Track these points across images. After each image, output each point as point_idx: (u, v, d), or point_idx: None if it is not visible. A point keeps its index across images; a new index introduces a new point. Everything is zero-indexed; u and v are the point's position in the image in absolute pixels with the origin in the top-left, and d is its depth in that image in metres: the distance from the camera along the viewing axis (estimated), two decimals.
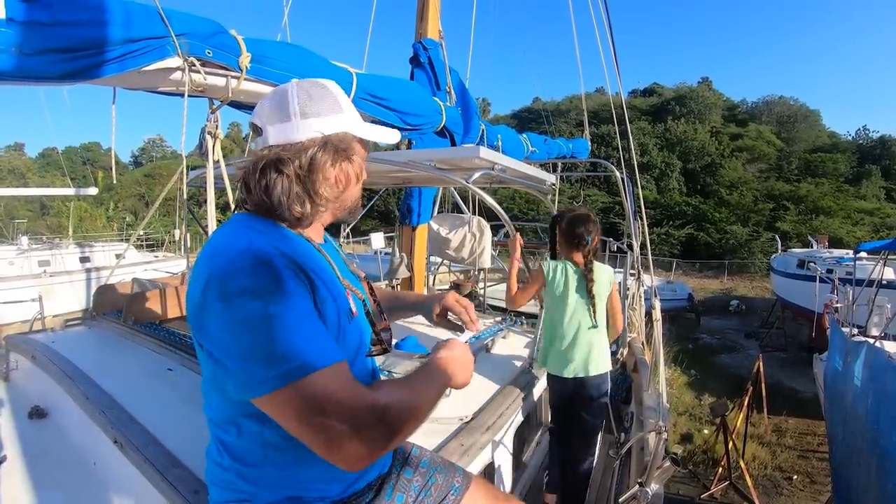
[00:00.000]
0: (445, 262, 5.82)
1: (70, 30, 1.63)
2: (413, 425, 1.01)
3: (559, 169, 7.56)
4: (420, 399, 1.03)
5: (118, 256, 15.07)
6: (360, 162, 1.20)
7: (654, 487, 1.81)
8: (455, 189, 6.37)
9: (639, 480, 1.83)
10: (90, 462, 2.06)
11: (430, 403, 1.07)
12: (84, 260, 14.19)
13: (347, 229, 6.90)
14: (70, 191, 17.23)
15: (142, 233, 24.99)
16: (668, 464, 1.86)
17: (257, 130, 1.12)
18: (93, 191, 16.91)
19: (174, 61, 1.87)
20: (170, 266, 14.63)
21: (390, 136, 1.30)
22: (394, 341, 1.58)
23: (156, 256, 16.75)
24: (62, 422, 2.38)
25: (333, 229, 1.46)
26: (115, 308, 3.48)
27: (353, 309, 1.15)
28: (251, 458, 1.07)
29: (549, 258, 3.01)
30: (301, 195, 1.08)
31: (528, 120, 54.17)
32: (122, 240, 21.08)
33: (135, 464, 1.75)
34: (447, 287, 6.27)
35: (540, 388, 3.06)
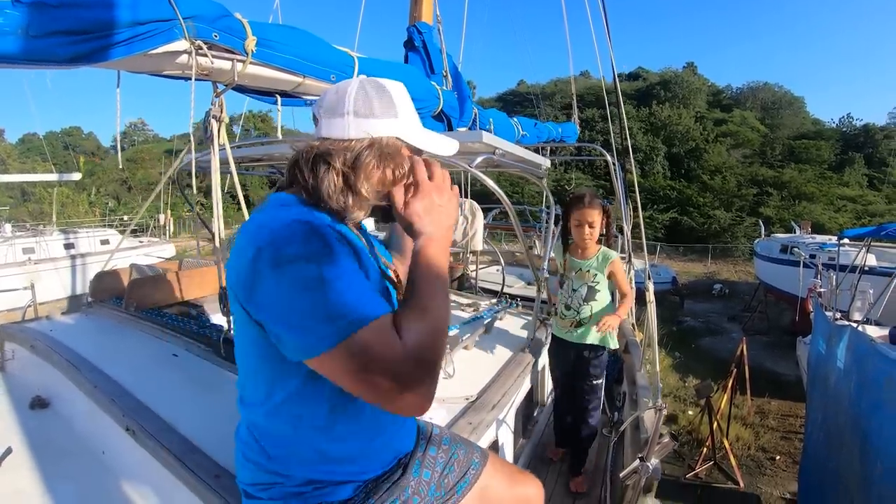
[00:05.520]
0: None
1: (78, 12, 1.60)
2: (443, 343, 1.02)
3: (547, 152, 7.58)
4: (437, 316, 1.01)
5: (103, 242, 14.96)
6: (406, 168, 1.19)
7: (653, 462, 1.86)
8: None
9: (639, 455, 1.88)
10: (98, 451, 2.03)
11: (445, 310, 1.06)
12: (69, 246, 14.02)
13: None
14: (53, 177, 16.91)
15: (126, 218, 24.69)
16: (667, 439, 1.92)
17: (315, 120, 1.15)
18: (76, 176, 16.70)
19: (181, 44, 1.85)
20: (157, 251, 14.54)
21: (447, 147, 1.27)
22: None
23: (140, 242, 16.53)
24: (66, 411, 2.34)
25: None
26: (113, 295, 3.44)
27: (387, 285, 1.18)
28: (285, 438, 1.10)
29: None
30: (344, 190, 1.10)
31: (513, 103, 54.25)
32: (105, 225, 20.78)
33: (150, 451, 1.74)
34: None
35: (537, 369, 3.12)
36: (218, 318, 2.82)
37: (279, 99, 2.52)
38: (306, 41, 2.36)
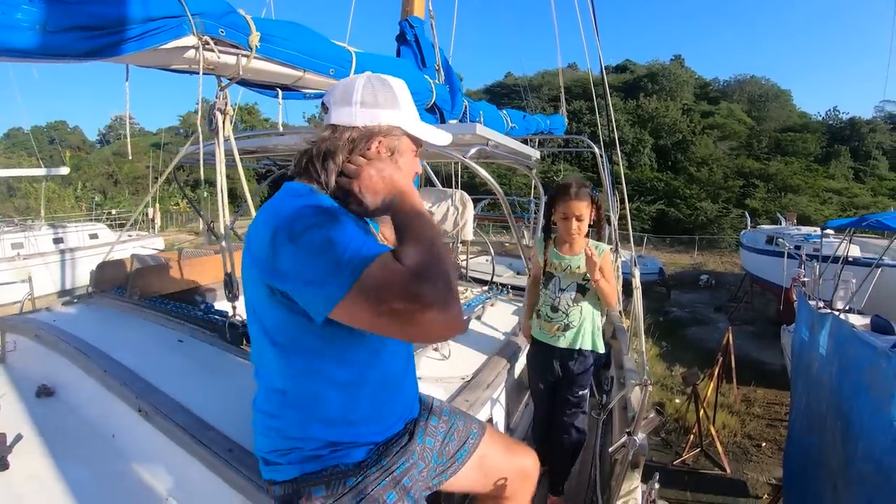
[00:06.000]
0: None
1: (93, 8, 1.68)
2: (443, 255, 1.05)
3: (536, 144, 7.63)
4: (428, 237, 1.08)
5: (92, 236, 14.86)
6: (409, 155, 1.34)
7: (640, 437, 1.95)
8: (427, 163, 6.43)
9: (627, 430, 1.97)
10: (108, 435, 2.06)
11: (435, 231, 1.12)
12: (58, 241, 13.89)
13: None
14: (41, 171, 16.67)
15: (113, 212, 24.49)
16: (653, 414, 2.02)
17: (325, 109, 1.27)
18: (64, 170, 16.54)
19: (189, 40, 1.94)
20: (148, 244, 14.47)
21: (441, 138, 1.41)
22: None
23: (130, 236, 16.42)
24: (72, 398, 2.35)
25: None
26: (115, 284, 3.47)
27: None
28: (306, 401, 1.19)
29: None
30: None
31: (500, 95, 54.25)
32: (92, 220, 20.59)
33: (162, 431, 1.77)
34: None
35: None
36: (221, 305, 2.88)
37: (280, 92, 2.61)
38: (307, 37, 2.44)
